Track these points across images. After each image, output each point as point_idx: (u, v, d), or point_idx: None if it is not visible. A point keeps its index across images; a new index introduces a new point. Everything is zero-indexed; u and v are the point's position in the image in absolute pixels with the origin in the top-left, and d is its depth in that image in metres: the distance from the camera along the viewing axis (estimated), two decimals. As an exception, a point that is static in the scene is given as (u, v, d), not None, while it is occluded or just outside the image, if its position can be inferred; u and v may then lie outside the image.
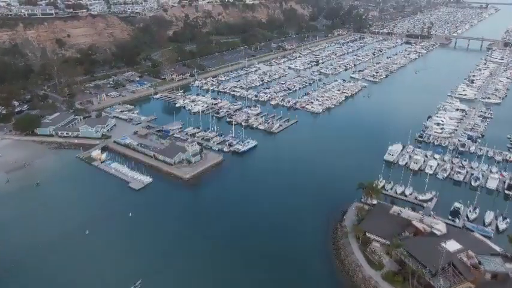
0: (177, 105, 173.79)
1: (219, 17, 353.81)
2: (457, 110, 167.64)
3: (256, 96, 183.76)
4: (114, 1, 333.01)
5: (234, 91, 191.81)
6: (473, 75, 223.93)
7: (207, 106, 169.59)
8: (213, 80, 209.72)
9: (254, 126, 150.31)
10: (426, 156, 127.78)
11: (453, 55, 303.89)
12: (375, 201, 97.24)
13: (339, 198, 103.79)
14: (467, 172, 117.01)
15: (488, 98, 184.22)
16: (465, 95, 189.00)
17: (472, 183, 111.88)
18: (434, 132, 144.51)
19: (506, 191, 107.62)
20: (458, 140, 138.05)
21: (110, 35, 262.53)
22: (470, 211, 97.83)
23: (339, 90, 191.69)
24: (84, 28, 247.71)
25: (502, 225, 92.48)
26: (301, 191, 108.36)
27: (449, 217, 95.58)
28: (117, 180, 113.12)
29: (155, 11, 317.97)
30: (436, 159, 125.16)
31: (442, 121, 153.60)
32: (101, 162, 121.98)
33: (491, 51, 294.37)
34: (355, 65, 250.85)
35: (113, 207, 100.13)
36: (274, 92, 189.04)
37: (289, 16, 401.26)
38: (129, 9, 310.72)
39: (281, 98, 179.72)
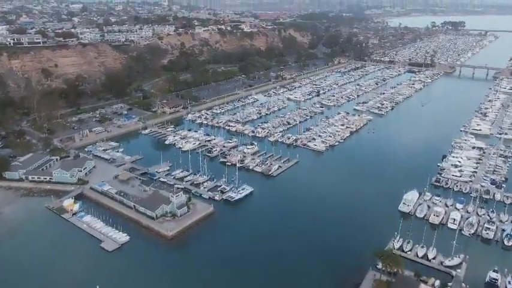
0: (166, 142, 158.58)
1: (217, 45, 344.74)
2: (474, 148, 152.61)
3: (253, 131, 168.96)
4: (109, 29, 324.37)
5: (229, 125, 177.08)
6: (486, 108, 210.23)
7: (199, 143, 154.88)
8: (207, 113, 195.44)
9: (250, 167, 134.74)
10: (446, 205, 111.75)
11: (459, 85, 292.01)
12: (394, 269, 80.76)
13: (350, 263, 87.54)
14: (497, 227, 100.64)
15: (506, 133, 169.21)
16: (480, 130, 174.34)
17: (505, 243, 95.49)
18: (452, 175, 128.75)
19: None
20: (481, 186, 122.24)
21: (101, 64, 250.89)
22: (509, 282, 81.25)
23: (342, 125, 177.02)
24: (73, 57, 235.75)
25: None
26: (304, 252, 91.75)
27: (485, 291, 79.14)
28: (88, 239, 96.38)
29: (150, 39, 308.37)
30: (458, 210, 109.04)
31: (459, 162, 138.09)
32: (73, 214, 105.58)
33: (499, 81, 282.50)
34: (358, 96, 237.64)
35: (77, 277, 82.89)
36: (273, 127, 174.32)
37: (288, 44, 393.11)
38: (123, 37, 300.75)
39: (280, 134, 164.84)
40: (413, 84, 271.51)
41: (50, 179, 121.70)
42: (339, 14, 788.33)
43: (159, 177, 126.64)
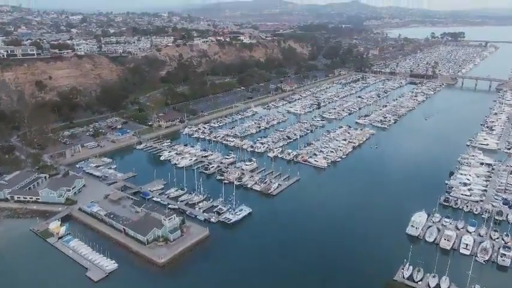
0: (161, 158, 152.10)
1: (215, 56, 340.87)
2: (482, 164, 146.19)
3: (252, 146, 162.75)
4: (106, 40, 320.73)
5: (227, 140, 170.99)
6: (491, 121, 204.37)
7: (196, 159, 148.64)
8: (204, 127, 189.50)
9: (249, 186, 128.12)
10: (457, 228, 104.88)
11: (462, 96, 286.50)
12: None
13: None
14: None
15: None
16: (487, 144, 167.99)
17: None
18: (462, 194, 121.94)
19: None
20: (492, 206, 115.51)
21: (97, 76, 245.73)
22: (531, 317, 74.13)
23: (344, 140, 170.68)
24: (68, 69, 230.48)
25: None
26: (306, 282, 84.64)
27: (506, 328, 71.97)
28: (73, 266, 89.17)
29: (148, 51, 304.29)
30: (470, 233, 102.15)
31: (468, 179, 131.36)
32: (58, 239, 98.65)
33: (502, 93, 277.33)
34: (359, 109, 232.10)
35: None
36: (273, 142, 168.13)
37: (288, 55, 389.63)
38: (120, 49, 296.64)
39: (280, 150, 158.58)
40: (415, 96, 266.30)
41: (37, 199, 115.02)
42: (338, 25, 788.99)
43: (152, 197, 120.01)
